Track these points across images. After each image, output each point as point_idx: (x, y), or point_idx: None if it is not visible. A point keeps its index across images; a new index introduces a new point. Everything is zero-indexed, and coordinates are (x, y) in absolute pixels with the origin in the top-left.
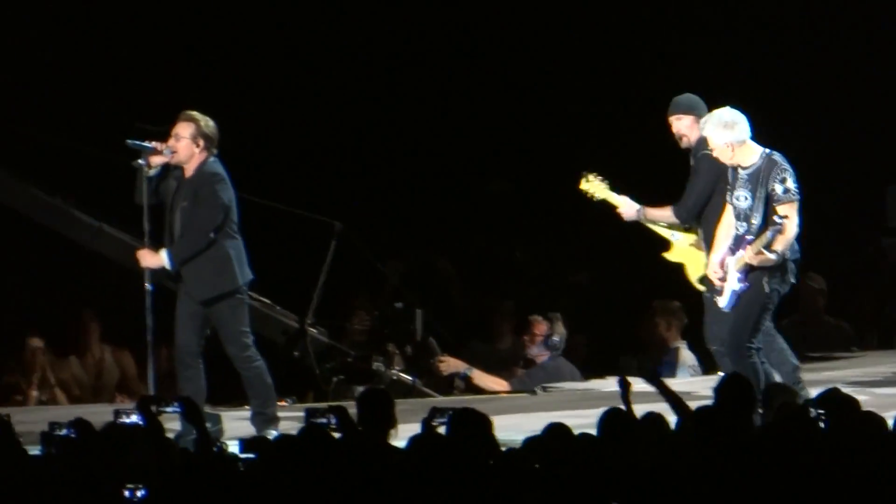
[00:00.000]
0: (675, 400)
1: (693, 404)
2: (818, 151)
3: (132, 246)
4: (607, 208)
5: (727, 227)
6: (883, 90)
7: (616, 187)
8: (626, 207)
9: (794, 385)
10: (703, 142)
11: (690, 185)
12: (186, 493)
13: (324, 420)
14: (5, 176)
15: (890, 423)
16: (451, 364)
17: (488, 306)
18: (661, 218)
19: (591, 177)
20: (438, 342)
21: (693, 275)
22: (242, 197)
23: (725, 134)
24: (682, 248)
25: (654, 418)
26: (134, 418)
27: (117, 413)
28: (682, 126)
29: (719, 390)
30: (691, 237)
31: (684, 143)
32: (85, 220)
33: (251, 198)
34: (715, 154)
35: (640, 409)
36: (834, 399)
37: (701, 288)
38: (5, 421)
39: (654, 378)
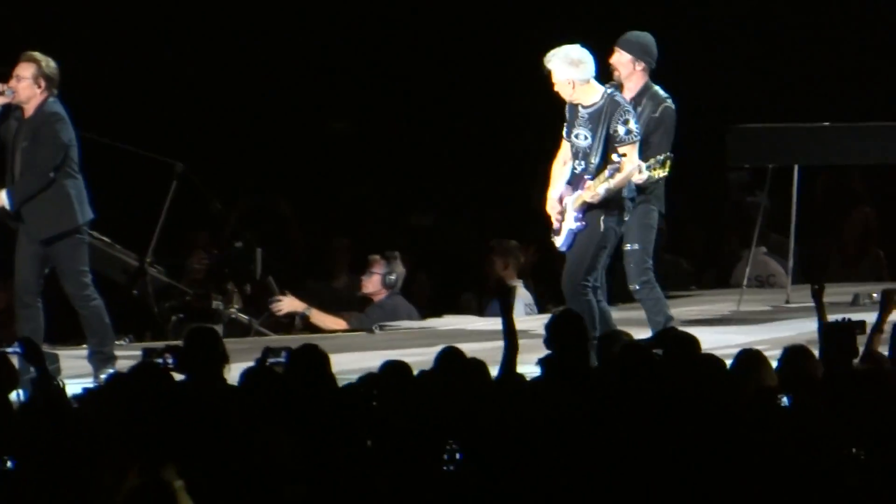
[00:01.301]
0: (511, 334)
1: (528, 343)
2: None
3: None
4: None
5: (562, 163)
6: (724, 33)
7: None
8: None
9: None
10: (646, 88)
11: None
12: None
13: (160, 360)
14: None
15: (728, 362)
16: (288, 304)
17: (325, 245)
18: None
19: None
20: (277, 282)
21: None
22: (85, 136)
23: (570, 71)
24: None
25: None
26: None
27: None
28: (618, 60)
29: (550, 326)
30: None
31: (615, 77)
32: None
33: (94, 137)
34: (557, 88)
35: (478, 348)
36: (671, 337)
37: None
38: None
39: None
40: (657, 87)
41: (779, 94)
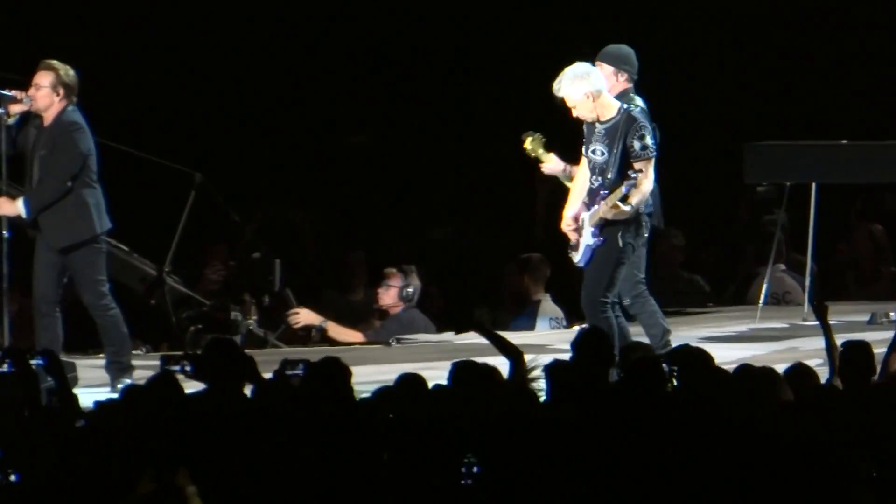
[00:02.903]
0: (507, 348)
1: (548, 357)
2: (677, 108)
3: None
4: (528, 163)
5: (582, 181)
6: (740, 51)
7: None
8: (554, 164)
9: (662, 350)
10: (625, 98)
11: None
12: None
13: (178, 367)
14: None
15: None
16: (305, 317)
17: (341, 257)
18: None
19: (536, 136)
20: (293, 294)
21: None
22: (105, 144)
23: (582, 85)
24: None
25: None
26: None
27: None
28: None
29: (576, 344)
30: None
31: None
32: None
33: (114, 145)
34: (576, 112)
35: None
36: (685, 354)
37: None
38: None
39: (477, 325)
40: (637, 98)
41: (797, 111)
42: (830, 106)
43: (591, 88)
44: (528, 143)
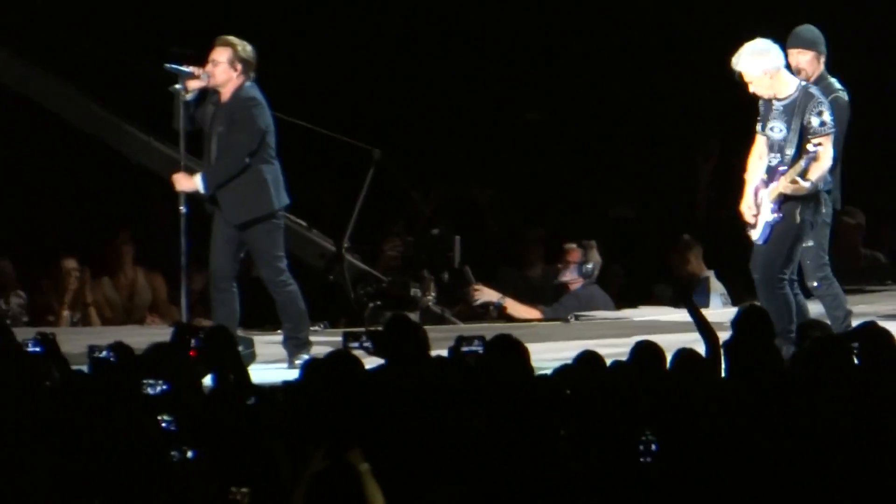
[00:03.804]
0: (706, 328)
1: (724, 335)
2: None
3: (178, 162)
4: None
5: (758, 158)
6: None
7: None
8: None
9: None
10: (821, 79)
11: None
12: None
13: (357, 343)
14: (60, 84)
15: None
16: (484, 293)
17: (520, 234)
18: None
19: None
20: (472, 270)
21: None
22: (283, 119)
23: (761, 62)
24: None
25: (687, 354)
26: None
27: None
28: (803, 60)
29: (736, 323)
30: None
31: (801, 77)
32: (133, 132)
33: (293, 120)
34: (752, 88)
35: (673, 340)
36: (869, 332)
37: None
38: (51, 339)
39: (688, 302)
40: (832, 79)
41: None
42: None
43: (770, 66)
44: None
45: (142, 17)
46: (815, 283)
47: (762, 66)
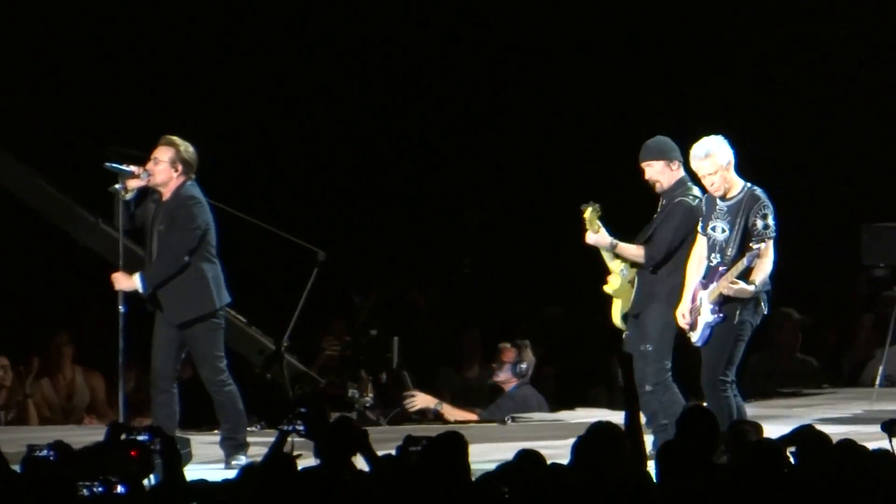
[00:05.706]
0: (630, 391)
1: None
2: (794, 190)
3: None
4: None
5: (698, 260)
6: (858, 131)
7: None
8: (601, 236)
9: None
10: (676, 186)
11: (662, 229)
12: None
13: (290, 427)
14: (9, 159)
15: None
16: (421, 400)
17: (456, 334)
18: (630, 255)
19: (595, 206)
20: (410, 371)
21: (618, 312)
22: (233, 215)
23: (713, 161)
24: (624, 285)
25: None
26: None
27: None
28: (654, 172)
29: (680, 423)
30: (633, 273)
31: (658, 189)
32: (82, 213)
33: (239, 214)
34: (711, 184)
35: None
36: (806, 436)
37: (620, 326)
38: None
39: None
40: (690, 183)
41: None
42: None
43: (723, 162)
44: (588, 213)
45: (93, 101)
46: (649, 388)
47: (717, 162)
